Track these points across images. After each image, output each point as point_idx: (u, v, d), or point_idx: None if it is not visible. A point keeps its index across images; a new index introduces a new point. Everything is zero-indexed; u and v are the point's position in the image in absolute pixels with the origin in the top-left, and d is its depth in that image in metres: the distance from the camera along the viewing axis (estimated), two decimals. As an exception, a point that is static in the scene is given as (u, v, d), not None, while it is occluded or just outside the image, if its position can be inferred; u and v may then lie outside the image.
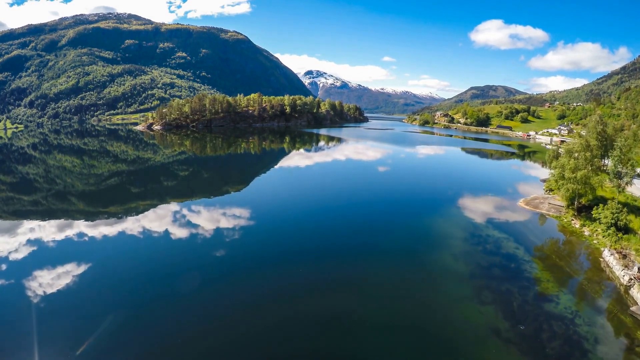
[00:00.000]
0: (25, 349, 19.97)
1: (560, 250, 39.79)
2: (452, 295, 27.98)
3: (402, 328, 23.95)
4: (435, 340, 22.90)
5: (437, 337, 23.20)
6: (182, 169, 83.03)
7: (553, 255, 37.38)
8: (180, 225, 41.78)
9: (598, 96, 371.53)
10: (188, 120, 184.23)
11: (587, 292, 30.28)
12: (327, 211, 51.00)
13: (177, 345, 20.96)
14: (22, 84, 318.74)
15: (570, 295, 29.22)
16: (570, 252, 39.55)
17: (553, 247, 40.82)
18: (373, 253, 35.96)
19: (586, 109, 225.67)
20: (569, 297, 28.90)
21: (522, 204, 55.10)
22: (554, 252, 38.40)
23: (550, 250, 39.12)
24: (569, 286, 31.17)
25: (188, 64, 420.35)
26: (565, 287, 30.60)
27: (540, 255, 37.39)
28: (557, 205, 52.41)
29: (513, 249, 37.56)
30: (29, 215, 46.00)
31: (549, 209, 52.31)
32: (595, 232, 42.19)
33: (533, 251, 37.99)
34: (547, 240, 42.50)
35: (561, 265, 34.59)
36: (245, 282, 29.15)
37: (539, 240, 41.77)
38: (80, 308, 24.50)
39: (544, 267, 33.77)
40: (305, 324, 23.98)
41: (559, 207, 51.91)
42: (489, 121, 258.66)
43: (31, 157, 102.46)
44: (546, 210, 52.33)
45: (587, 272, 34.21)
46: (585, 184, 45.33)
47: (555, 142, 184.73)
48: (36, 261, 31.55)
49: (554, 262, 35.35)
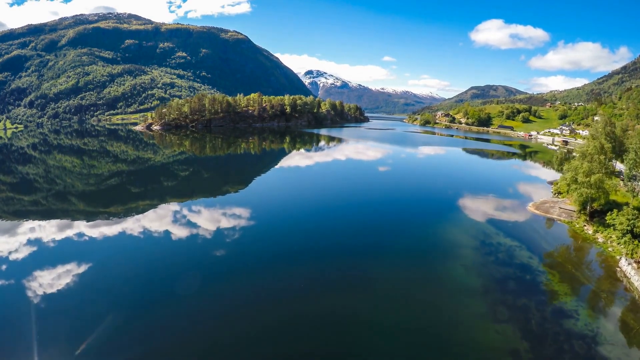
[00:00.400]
0: (25, 349, 19.81)
1: (575, 259, 38.14)
2: (465, 311, 26.29)
3: (412, 342, 22.72)
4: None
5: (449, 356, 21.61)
6: (182, 169, 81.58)
7: (568, 264, 35.68)
8: (181, 225, 41.30)
9: (599, 96, 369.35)
10: (187, 121, 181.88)
11: (606, 305, 28.81)
12: (329, 211, 50.29)
13: (177, 345, 20.74)
14: (22, 84, 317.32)
15: (589, 310, 27.60)
16: (585, 260, 37.91)
17: (567, 255, 39.20)
18: (378, 255, 35.27)
19: (588, 108, 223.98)
20: (589, 311, 27.27)
21: (532, 209, 53.36)
22: (568, 261, 36.71)
23: (565, 259, 37.43)
24: (588, 299, 29.58)
25: (188, 64, 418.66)
26: (583, 301, 28.96)
27: (555, 264, 35.69)
28: (568, 210, 50.72)
29: (527, 258, 35.87)
30: (29, 216, 45.52)
31: (560, 214, 50.61)
32: (609, 239, 40.53)
33: (547, 260, 36.29)
34: (560, 248, 40.83)
35: (577, 276, 33.00)
36: (246, 282, 28.67)
37: (552, 248, 40.12)
38: (80, 308, 24.25)
39: (560, 279, 32.08)
40: (306, 325, 23.73)
41: (570, 212, 50.24)
42: (491, 121, 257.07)
43: (31, 157, 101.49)
44: (557, 215, 50.62)
45: (604, 282, 32.66)
46: (599, 189, 43.68)
47: (557, 142, 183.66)
48: (36, 261, 31.28)
49: (569, 272, 33.67)
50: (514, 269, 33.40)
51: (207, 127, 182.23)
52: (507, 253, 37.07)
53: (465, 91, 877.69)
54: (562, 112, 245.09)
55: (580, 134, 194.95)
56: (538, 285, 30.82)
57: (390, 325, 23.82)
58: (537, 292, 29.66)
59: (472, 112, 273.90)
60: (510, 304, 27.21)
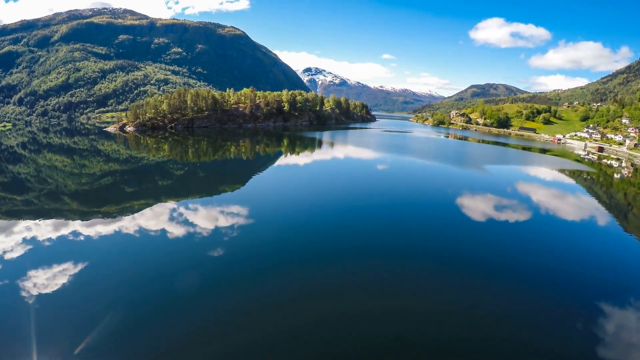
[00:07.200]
0: (24, 348, 19.69)
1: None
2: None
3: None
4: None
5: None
6: (177, 167, 75.12)
7: None
8: (178, 223, 40.50)
9: (604, 96, 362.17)
10: (166, 121, 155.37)
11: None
12: (334, 210, 48.39)
13: (177, 345, 20.54)
14: (12, 80, 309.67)
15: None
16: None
17: None
18: (395, 256, 33.73)
19: (611, 110, 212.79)
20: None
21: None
22: None
23: None
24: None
25: (184, 59, 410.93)
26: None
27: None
28: None
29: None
30: (22, 215, 44.29)
31: None
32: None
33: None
34: None
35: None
36: (246, 282, 27.94)
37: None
38: (78, 307, 24.10)
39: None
40: (306, 325, 22.85)
41: None
42: (509, 122, 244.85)
43: (21, 156, 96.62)
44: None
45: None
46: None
47: (590, 148, 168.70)
48: (31, 261, 30.61)
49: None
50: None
51: (189, 128, 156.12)
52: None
53: (465, 89, 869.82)
54: (584, 113, 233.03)
55: (613, 139, 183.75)
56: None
57: (401, 331, 22.53)
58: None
59: (490, 112, 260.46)
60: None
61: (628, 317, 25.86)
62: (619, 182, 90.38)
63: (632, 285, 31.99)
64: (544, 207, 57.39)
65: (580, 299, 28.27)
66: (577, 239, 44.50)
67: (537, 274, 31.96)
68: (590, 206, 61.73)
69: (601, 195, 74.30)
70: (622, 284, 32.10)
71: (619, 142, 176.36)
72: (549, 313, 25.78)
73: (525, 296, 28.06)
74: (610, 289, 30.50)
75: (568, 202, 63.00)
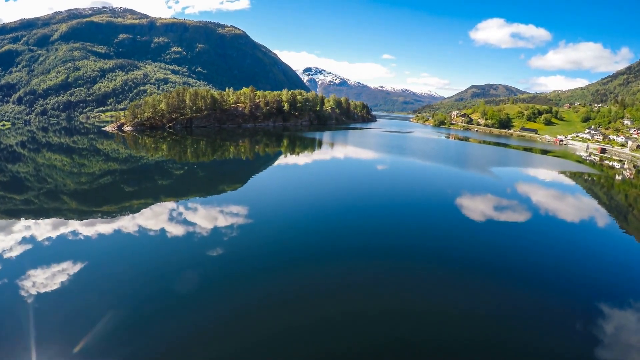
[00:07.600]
0: (23, 348, 19.64)
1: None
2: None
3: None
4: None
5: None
6: (176, 167, 75.05)
7: None
8: (177, 223, 40.47)
9: (605, 97, 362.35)
10: (164, 120, 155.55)
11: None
12: (334, 210, 48.03)
13: (176, 344, 20.37)
14: (12, 79, 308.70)
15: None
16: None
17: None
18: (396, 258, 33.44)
19: (614, 111, 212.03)
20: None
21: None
22: None
23: None
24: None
25: (183, 59, 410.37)
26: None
27: None
28: None
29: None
30: (22, 214, 44.14)
31: None
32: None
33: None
34: None
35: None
36: (246, 282, 27.72)
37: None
38: (77, 306, 24.05)
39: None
40: (306, 326, 22.64)
41: None
42: (511, 122, 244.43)
43: (21, 155, 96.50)
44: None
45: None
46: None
47: (592, 149, 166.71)
48: (30, 260, 30.46)
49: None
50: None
51: (188, 128, 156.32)
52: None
53: (465, 90, 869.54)
54: (585, 114, 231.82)
55: (615, 140, 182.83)
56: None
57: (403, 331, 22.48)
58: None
59: (491, 112, 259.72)
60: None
61: (628, 318, 25.88)
62: (620, 184, 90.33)
63: (632, 286, 32.05)
64: (544, 208, 57.50)
65: (580, 300, 28.27)
66: (577, 240, 44.61)
67: (537, 275, 31.98)
68: (590, 207, 61.78)
69: (602, 196, 74.26)
70: (622, 285, 32.15)
71: (621, 143, 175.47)
72: (549, 314, 25.75)
73: (526, 297, 28.02)
74: (610, 290, 30.53)
75: (568, 203, 63.03)
